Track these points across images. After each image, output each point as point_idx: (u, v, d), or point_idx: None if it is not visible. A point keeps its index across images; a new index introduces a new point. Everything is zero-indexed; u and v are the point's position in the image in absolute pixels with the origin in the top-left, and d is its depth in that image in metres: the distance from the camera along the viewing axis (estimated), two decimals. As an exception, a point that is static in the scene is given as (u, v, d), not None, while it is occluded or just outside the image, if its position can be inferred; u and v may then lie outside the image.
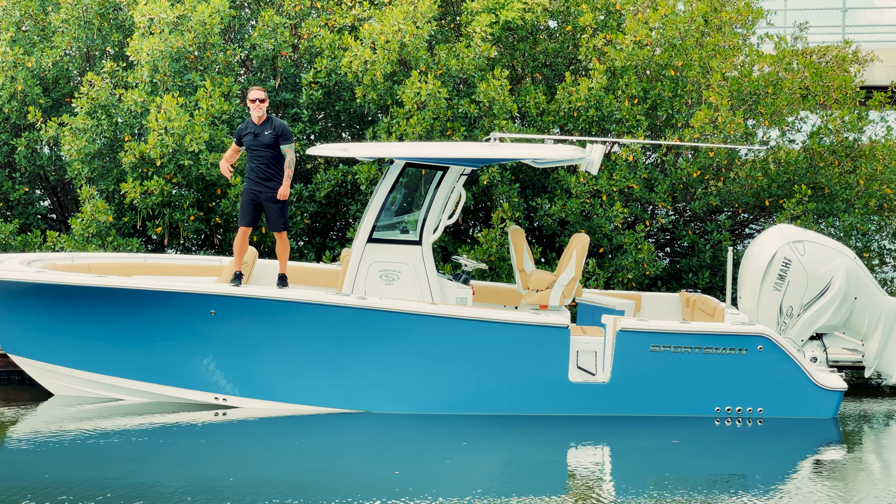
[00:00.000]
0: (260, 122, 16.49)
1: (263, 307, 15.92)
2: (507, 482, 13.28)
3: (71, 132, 19.97)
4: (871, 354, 16.97)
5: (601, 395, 16.13)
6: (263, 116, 16.48)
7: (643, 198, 21.16)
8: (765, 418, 16.21)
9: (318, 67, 20.68)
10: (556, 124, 21.13)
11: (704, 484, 13.33)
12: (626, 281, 20.59)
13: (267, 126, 16.47)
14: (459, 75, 20.62)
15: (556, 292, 16.89)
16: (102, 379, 16.48)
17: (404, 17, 20.08)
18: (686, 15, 21.71)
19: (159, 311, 15.92)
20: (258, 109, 16.41)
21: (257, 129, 16.47)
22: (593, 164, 16.34)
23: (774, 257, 16.70)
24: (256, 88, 16.48)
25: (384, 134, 20.33)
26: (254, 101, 16.42)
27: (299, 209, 20.83)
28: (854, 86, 22.65)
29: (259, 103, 16.40)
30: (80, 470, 13.31)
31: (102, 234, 19.68)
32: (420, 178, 17.43)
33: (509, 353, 16.02)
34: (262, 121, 16.48)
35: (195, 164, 19.73)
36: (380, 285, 16.55)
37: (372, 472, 13.66)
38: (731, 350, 16.02)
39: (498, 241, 20.00)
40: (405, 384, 16.08)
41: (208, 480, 12.98)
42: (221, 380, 16.25)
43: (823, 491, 13.13)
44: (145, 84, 20.33)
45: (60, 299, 15.99)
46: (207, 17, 20.22)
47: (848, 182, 21.84)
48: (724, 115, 20.50)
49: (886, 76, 30.28)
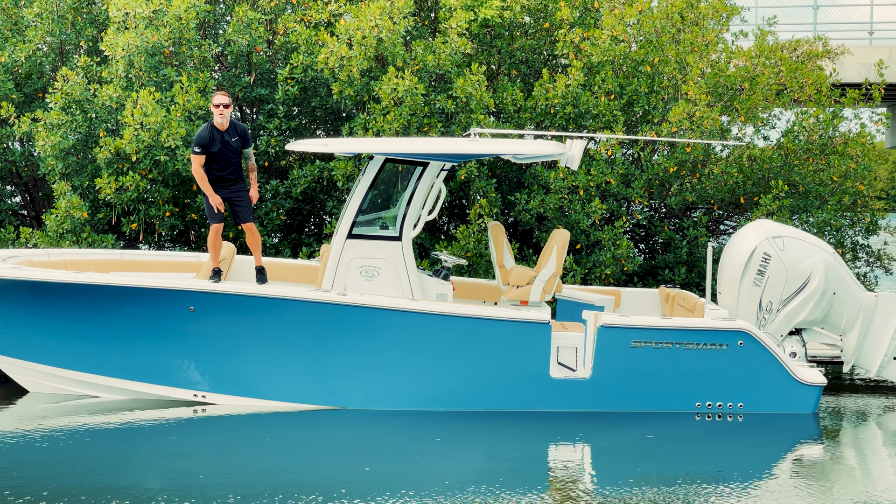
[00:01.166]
0: (224, 128, 16.28)
1: (244, 303, 15.82)
2: (484, 479, 13.18)
3: (45, 128, 19.80)
4: (849, 349, 17.03)
5: (582, 391, 16.11)
6: (227, 123, 16.28)
7: (620, 193, 21.17)
8: (745, 414, 16.23)
9: (294, 63, 20.57)
10: (533, 121, 21.10)
11: (684, 480, 13.31)
12: (604, 277, 20.59)
13: (232, 132, 16.31)
14: (436, 71, 20.56)
15: (537, 288, 16.86)
16: (79, 376, 16.33)
17: (381, 13, 20.00)
18: (662, 11, 21.74)
19: (138, 307, 15.79)
20: (222, 115, 16.21)
21: (224, 135, 16.27)
22: (573, 160, 16.33)
23: (754, 253, 16.72)
24: (221, 93, 16.26)
25: (361, 130, 20.24)
26: (218, 107, 16.17)
27: (275, 205, 20.73)
28: (828, 83, 22.75)
29: (224, 109, 16.18)
30: (55, 468, 13.18)
31: (77, 231, 19.52)
32: (397, 173, 17.36)
33: (490, 350, 15.97)
34: (226, 127, 16.30)
35: (171, 160, 19.59)
36: (360, 281, 16.46)
37: (344, 469, 13.54)
38: (712, 345, 16.03)
39: (475, 237, 19.96)
40: (386, 380, 16.01)
41: (185, 478, 12.89)
42: (200, 377, 16.14)
43: (803, 486, 13.15)
44: (120, 79, 20.17)
45: (37, 296, 15.83)
46: (183, 12, 20.09)
47: (822, 179, 21.92)
48: (701, 111, 20.53)
49: (856, 73, 30.47)
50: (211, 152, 16.23)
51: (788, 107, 22.76)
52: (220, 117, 16.19)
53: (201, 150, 16.17)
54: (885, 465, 14.71)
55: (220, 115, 16.18)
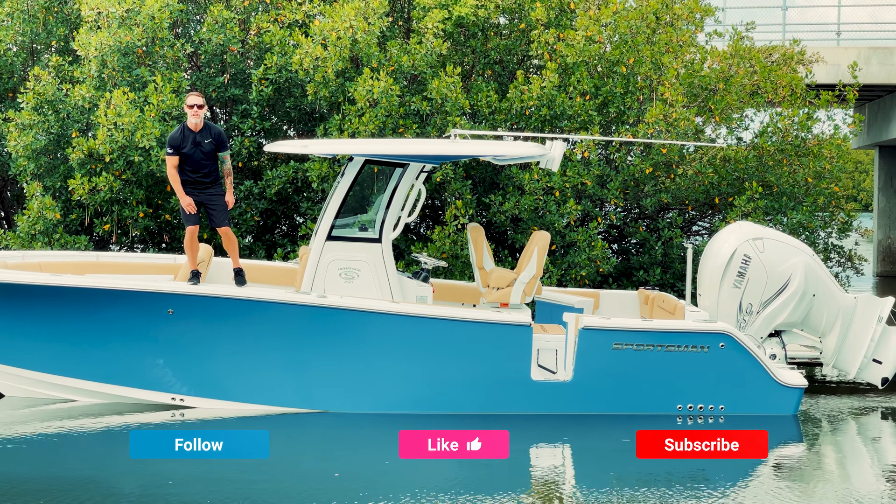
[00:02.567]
0: (197, 129, 16.12)
1: (223, 306, 15.68)
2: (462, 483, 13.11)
3: (17, 128, 19.58)
4: (829, 351, 17.04)
5: (563, 393, 16.05)
6: (201, 123, 16.13)
7: (595, 195, 21.16)
8: (726, 416, 16.21)
9: (269, 64, 20.43)
10: (508, 122, 21.04)
11: (664, 482, 13.28)
12: (579, 278, 20.56)
13: (206, 133, 16.13)
14: (411, 72, 20.48)
15: (518, 290, 16.80)
16: (55, 379, 16.13)
17: (355, 14, 19.88)
18: (637, 11, 21.72)
19: (116, 310, 15.62)
20: (196, 116, 16.06)
21: (197, 136, 16.09)
22: (554, 161, 16.29)
23: (734, 255, 16.69)
24: (195, 94, 16.14)
25: (336, 131, 20.13)
26: (192, 108, 16.02)
27: (249, 206, 20.59)
28: (803, 85, 22.82)
29: (198, 109, 16.03)
30: (31, 473, 13.07)
31: (49, 232, 19.32)
32: (372, 174, 17.26)
33: (471, 352, 15.89)
34: (200, 128, 16.17)
35: (146, 161, 19.41)
36: (339, 283, 16.35)
37: (316, 473, 13.51)
38: (693, 348, 16.01)
39: (451, 239, 19.88)
40: (365, 383, 15.91)
41: (162, 483, 12.78)
42: (178, 380, 15.98)
43: (784, 488, 13.16)
44: (93, 79, 19.98)
45: (12, 298, 15.63)
46: (156, 12, 19.92)
47: (796, 180, 21.97)
48: (678, 112, 20.54)
49: (825, 74, 30.56)
50: (183, 153, 16.07)
51: (762, 108, 22.82)
52: (195, 118, 16.04)
53: (173, 150, 16.06)
54: (865, 467, 14.75)
55: (195, 116, 16.03)
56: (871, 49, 33.96)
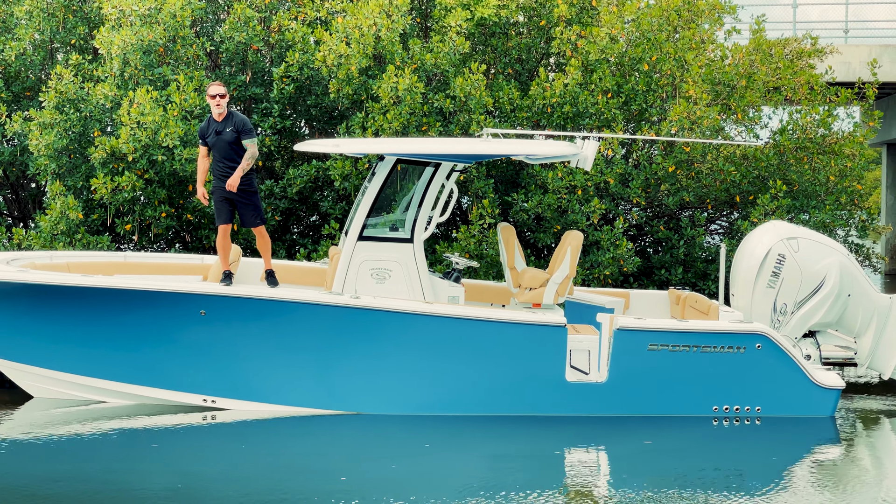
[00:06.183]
0: (220, 118, 16.07)
1: (256, 307, 15.54)
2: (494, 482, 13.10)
3: (38, 127, 19.39)
4: (863, 351, 16.93)
5: (598, 395, 15.92)
6: (224, 113, 16.06)
7: (618, 193, 21.03)
8: (762, 417, 16.11)
9: (290, 61, 20.25)
10: (530, 120, 20.90)
11: (701, 484, 13.22)
12: (603, 277, 20.43)
13: (228, 122, 16.05)
14: (434, 70, 20.33)
15: (551, 290, 16.66)
16: (85, 381, 16.00)
17: (379, 11, 19.73)
18: (658, 8, 21.60)
19: (148, 311, 15.48)
20: (219, 106, 16.00)
21: (219, 126, 16.06)
22: (587, 160, 16.19)
23: (768, 254, 16.58)
24: (216, 84, 16.09)
25: (359, 129, 19.98)
26: (213, 98, 16.00)
27: (270, 206, 20.42)
28: (822, 82, 22.72)
29: (219, 99, 15.99)
30: (61, 475, 12.97)
31: (71, 232, 19.14)
32: (397, 173, 17.08)
33: (505, 353, 15.76)
34: (223, 117, 16.07)
35: (169, 160, 19.25)
36: (370, 284, 16.20)
37: (358, 474, 13.41)
38: (730, 349, 15.88)
39: (477, 238, 19.74)
40: (398, 385, 15.78)
41: (193, 485, 12.74)
42: (210, 381, 15.84)
43: (821, 490, 13.07)
44: (115, 78, 19.80)
45: (42, 299, 15.48)
46: (179, 10, 19.74)
47: (818, 178, 21.85)
48: (702, 110, 20.41)
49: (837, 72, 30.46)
50: (207, 142, 16.19)
51: (781, 105, 22.70)
52: (217, 108, 16.02)
53: (201, 140, 16.30)
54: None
55: (217, 106, 16.02)
56: (881, 47, 33.96)
